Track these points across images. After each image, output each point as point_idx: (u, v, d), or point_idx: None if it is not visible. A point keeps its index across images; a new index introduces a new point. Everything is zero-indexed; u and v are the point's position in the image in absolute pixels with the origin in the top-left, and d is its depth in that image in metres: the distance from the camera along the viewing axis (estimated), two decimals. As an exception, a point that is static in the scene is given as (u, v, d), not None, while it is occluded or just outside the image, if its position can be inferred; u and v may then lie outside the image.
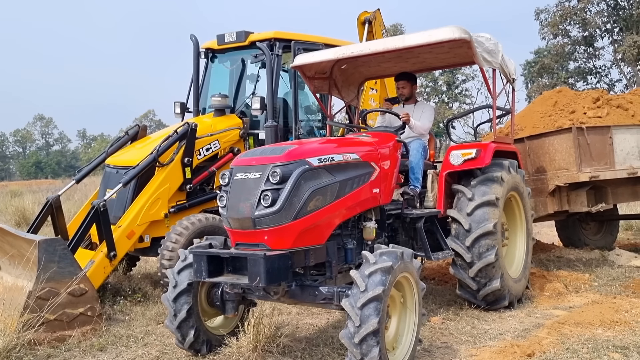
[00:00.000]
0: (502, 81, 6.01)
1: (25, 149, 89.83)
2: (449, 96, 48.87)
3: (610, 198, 7.26)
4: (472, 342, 4.67)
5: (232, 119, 7.17)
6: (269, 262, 3.71)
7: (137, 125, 7.48)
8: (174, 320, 4.35)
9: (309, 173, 4.01)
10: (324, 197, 4.10)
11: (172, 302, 4.36)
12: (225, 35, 7.49)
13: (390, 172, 4.99)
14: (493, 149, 5.53)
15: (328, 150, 4.33)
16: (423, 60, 6.24)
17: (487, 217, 5.27)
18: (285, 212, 3.86)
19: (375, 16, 8.69)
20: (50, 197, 6.47)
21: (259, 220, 3.87)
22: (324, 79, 6.35)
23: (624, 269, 7.17)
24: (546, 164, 6.95)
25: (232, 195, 4.05)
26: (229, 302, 4.41)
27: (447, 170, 5.54)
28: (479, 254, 5.26)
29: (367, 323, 3.51)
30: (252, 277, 3.73)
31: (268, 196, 3.86)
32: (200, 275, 4.05)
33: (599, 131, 6.86)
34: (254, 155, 4.18)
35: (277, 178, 3.88)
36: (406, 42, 5.22)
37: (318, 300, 4.05)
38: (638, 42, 29.30)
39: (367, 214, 4.80)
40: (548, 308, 5.66)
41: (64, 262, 4.99)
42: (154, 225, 6.30)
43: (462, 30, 4.99)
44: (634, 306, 5.38)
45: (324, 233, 4.22)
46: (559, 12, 32.85)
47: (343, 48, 5.66)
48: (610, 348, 4.31)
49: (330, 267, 4.36)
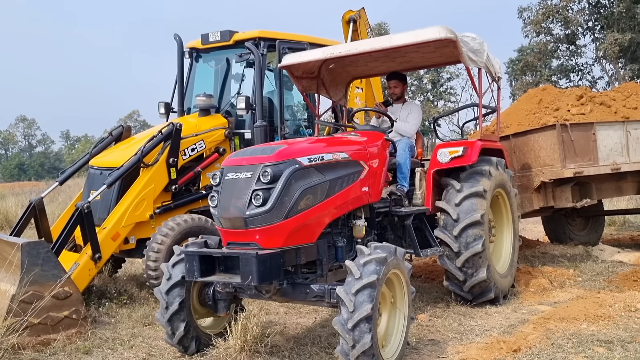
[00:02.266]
0: (488, 80, 6.08)
1: (8, 151, 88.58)
2: (434, 94, 49.13)
3: (595, 194, 7.34)
4: (459, 339, 4.70)
5: (218, 118, 7.14)
6: (260, 261, 3.75)
7: (121, 126, 7.42)
8: (165, 313, 4.34)
9: (299, 172, 4.05)
10: (314, 196, 4.15)
11: (165, 295, 4.36)
12: (209, 34, 7.45)
13: (379, 170, 5.03)
14: (480, 147, 5.60)
15: (318, 150, 4.37)
16: (410, 60, 6.29)
17: (475, 208, 5.34)
18: (277, 211, 3.90)
19: (359, 15, 8.71)
20: (33, 199, 6.40)
21: (251, 219, 3.90)
22: (311, 79, 6.36)
23: (608, 264, 7.27)
24: (531, 161, 7.01)
25: (224, 195, 4.06)
26: (221, 301, 4.41)
27: (434, 168, 5.60)
28: (466, 244, 5.30)
29: (360, 308, 3.57)
30: (244, 276, 3.77)
31: (259, 196, 3.89)
32: (192, 274, 4.06)
33: (582, 128, 6.94)
34: (244, 155, 4.21)
35: (268, 178, 3.92)
36: (393, 42, 5.27)
37: (309, 298, 4.08)
38: (619, 39, 29.64)
39: (356, 212, 4.83)
40: (533, 304, 5.71)
41: (48, 265, 4.93)
42: (139, 226, 6.25)
43: (447, 30, 5.05)
44: (618, 301, 5.45)
45: (315, 232, 4.26)
46: (541, 10, 33.13)
47: (331, 48, 5.69)
48: (595, 342, 4.36)
49: (321, 265, 4.41)
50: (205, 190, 6.79)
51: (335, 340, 4.48)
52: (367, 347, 3.57)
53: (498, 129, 6.62)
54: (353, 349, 3.58)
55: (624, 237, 9.64)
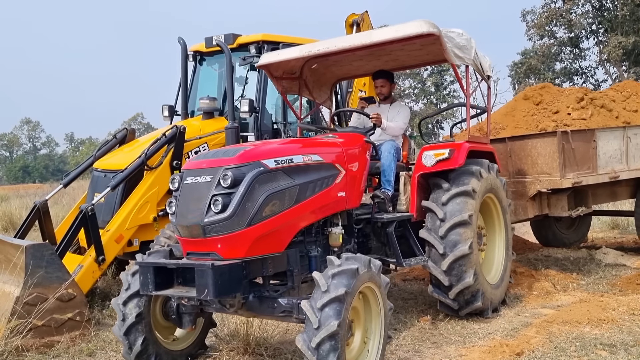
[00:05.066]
0: (477, 78, 5.76)
1: (12, 153, 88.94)
2: (437, 97, 49.14)
3: (591, 200, 7.09)
4: (461, 342, 4.70)
5: (221, 121, 7.16)
6: (217, 272, 3.44)
7: (125, 129, 7.45)
8: (122, 326, 4.01)
9: (264, 176, 3.77)
10: (281, 201, 3.84)
11: (122, 306, 4.03)
12: (213, 37, 7.48)
13: (358, 174, 4.74)
14: (467, 149, 5.25)
15: (287, 152, 4.08)
16: (396, 58, 6.02)
17: (463, 208, 5.02)
18: (238, 218, 3.59)
19: (363, 18, 8.72)
20: (37, 201, 6.43)
21: (209, 227, 3.60)
22: (293, 79, 6.05)
23: (611, 268, 7.25)
24: (528, 167, 6.61)
25: (182, 201, 3.78)
26: (186, 315, 4.04)
27: (419, 172, 5.26)
28: (453, 245, 4.95)
29: (326, 325, 3.24)
30: (200, 290, 3.45)
31: (218, 201, 3.59)
32: (146, 288, 3.72)
33: (583, 135, 6.64)
34: (205, 158, 3.93)
35: (228, 181, 3.62)
36: (373, 38, 4.99)
37: (277, 313, 3.76)
38: (623, 42, 29.65)
39: (333, 219, 4.54)
40: (536, 307, 5.70)
41: (52, 267, 4.95)
42: (142, 229, 6.27)
43: (430, 24, 4.74)
44: (621, 304, 5.44)
45: (283, 240, 3.96)
46: (544, 13, 33.16)
47: (309, 45, 5.38)
48: (598, 346, 4.36)
49: (292, 276, 4.08)
50: None
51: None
52: None
53: (489, 131, 6.28)
54: None
55: (627, 240, 9.60)
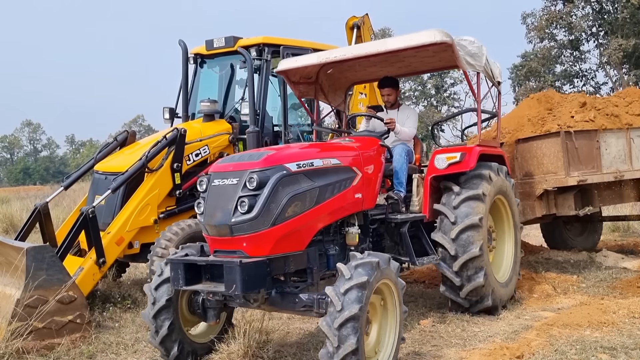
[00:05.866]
0: (487, 84, 5.99)
1: (13, 155, 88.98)
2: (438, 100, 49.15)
3: (597, 201, 7.28)
4: (461, 345, 4.70)
5: (222, 124, 7.18)
6: (245, 269, 3.68)
7: (126, 131, 7.46)
8: (156, 336, 4.29)
9: (287, 179, 3.98)
10: (302, 202, 4.06)
11: (154, 290, 4.30)
12: (214, 40, 7.50)
13: (373, 176, 4.95)
14: (478, 153, 5.50)
15: (308, 156, 4.30)
16: (409, 64, 6.26)
17: (473, 211, 5.24)
18: (263, 218, 3.82)
19: (363, 21, 8.75)
20: (38, 203, 6.44)
21: (236, 227, 3.84)
22: (309, 84, 6.32)
23: (612, 271, 7.24)
24: (534, 168, 6.92)
25: (210, 202, 4.01)
26: (210, 309, 4.30)
27: (432, 174, 5.49)
28: (464, 247, 5.19)
29: (345, 343, 3.45)
30: (228, 285, 3.70)
31: (245, 202, 3.82)
32: (177, 283, 3.99)
33: (586, 135, 6.88)
34: (231, 161, 4.16)
35: (254, 184, 3.85)
36: (388, 46, 5.22)
37: (298, 308, 3.98)
38: (623, 45, 29.64)
39: (349, 219, 4.74)
40: (537, 310, 5.70)
41: (53, 269, 4.96)
42: (143, 231, 6.28)
43: (443, 33, 4.97)
44: (622, 307, 5.43)
45: (304, 239, 4.17)
46: (545, 16, 33.16)
47: (326, 52, 5.66)
48: (598, 349, 4.36)
49: (312, 273, 4.29)
50: None
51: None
52: (353, 348, 3.45)
53: (499, 134, 6.53)
54: (338, 350, 3.46)
55: (628, 243, 9.60)
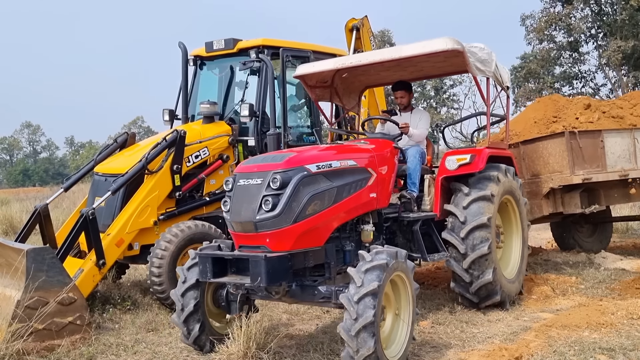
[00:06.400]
0: (497, 89, 6.23)
1: (13, 157, 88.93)
2: (437, 101, 49.18)
3: (603, 200, 7.43)
4: (461, 346, 4.72)
5: (221, 126, 7.19)
6: (269, 263, 3.97)
7: (125, 133, 7.47)
8: (181, 314, 4.53)
9: (307, 179, 4.26)
10: (322, 201, 4.34)
11: (180, 297, 4.55)
12: (213, 42, 7.52)
13: (387, 177, 5.19)
14: (487, 154, 5.73)
15: (326, 157, 4.57)
16: (421, 69, 6.52)
17: (482, 211, 5.47)
18: (285, 216, 4.11)
19: (363, 23, 8.77)
20: (38, 205, 6.44)
21: (260, 223, 4.12)
22: (325, 88, 6.60)
23: (610, 272, 7.26)
24: (540, 168, 7.12)
25: (235, 201, 4.29)
26: (234, 302, 4.59)
27: (443, 175, 5.74)
28: (473, 246, 5.40)
29: (363, 316, 3.73)
30: (254, 278, 3.98)
31: (269, 201, 4.10)
32: (205, 276, 4.31)
33: (590, 135, 7.05)
34: (255, 163, 4.46)
35: (277, 184, 4.13)
36: (402, 53, 5.52)
37: (317, 299, 4.29)
38: (622, 47, 29.64)
39: (365, 217, 4.98)
40: (536, 311, 5.72)
41: (53, 271, 4.97)
42: (143, 232, 6.29)
43: (455, 41, 5.26)
44: (620, 308, 5.45)
45: (323, 236, 4.44)
46: (544, 17, 33.15)
47: (343, 58, 6.02)
48: (597, 350, 4.38)
49: (329, 268, 4.58)
50: (208, 197, 6.84)
51: (338, 347, 4.51)
52: (371, 351, 3.73)
53: (507, 137, 6.75)
54: (357, 354, 3.74)
55: (627, 244, 9.62)
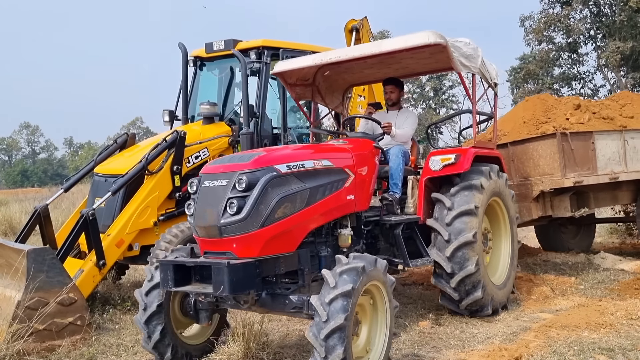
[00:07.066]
0: (483, 86, 5.95)
1: (11, 157, 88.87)
2: (436, 102, 49.24)
3: (593, 203, 7.29)
4: (460, 346, 4.72)
5: (221, 126, 7.20)
6: (233, 270, 3.68)
7: (125, 134, 7.48)
8: (143, 314, 4.31)
9: (277, 180, 4.00)
10: (293, 204, 4.08)
11: (144, 296, 4.33)
12: (213, 43, 7.53)
13: (367, 178, 4.95)
14: (473, 154, 5.48)
15: (299, 157, 4.30)
16: (406, 66, 6.25)
17: (466, 227, 5.19)
18: (252, 219, 3.84)
19: (362, 24, 8.77)
20: (38, 206, 6.44)
21: (225, 228, 3.85)
22: (306, 86, 6.29)
23: (609, 272, 7.28)
24: (530, 170, 6.91)
25: (200, 203, 4.02)
26: (202, 311, 4.29)
27: (426, 176, 5.49)
28: (460, 265, 5.18)
29: (334, 318, 3.48)
30: (216, 286, 3.70)
31: (234, 204, 3.84)
32: (166, 284, 4.00)
33: (581, 137, 6.91)
34: (222, 163, 4.18)
35: (243, 185, 3.87)
36: (382, 48, 5.23)
37: (288, 309, 4.00)
38: (621, 48, 29.70)
39: (342, 221, 4.75)
40: (535, 311, 5.72)
41: (53, 271, 4.98)
42: (143, 233, 6.30)
43: (437, 35, 4.97)
44: (619, 309, 5.46)
45: (294, 241, 4.18)
46: (543, 19, 33.22)
47: (322, 54, 5.64)
48: (596, 350, 4.39)
49: (303, 275, 4.29)
50: None
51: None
52: (340, 358, 3.45)
53: (495, 136, 6.49)
54: None
55: (625, 245, 9.64)
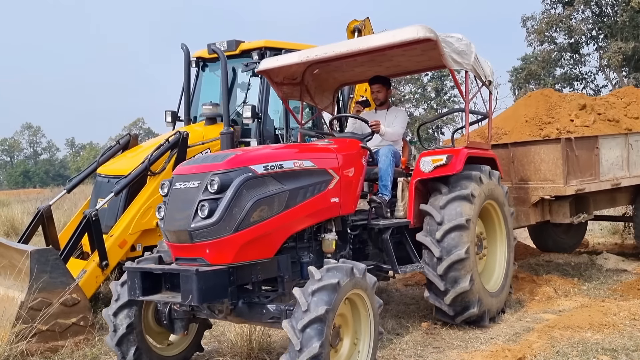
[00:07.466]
0: (478, 84, 5.73)
1: (13, 158, 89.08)
2: (438, 102, 49.23)
3: (592, 207, 7.03)
4: (463, 347, 4.72)
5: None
6: (202, 278, 3.44)
7: (128, 134, 7.48)
8: (113, 336, 4.05)
9: (252, 181, 3.76)
10: (270, 207, 3.82)
11: (112, 317, 4.07)
12: (216, 44, 7.54)
13: (354, 180, 4.72)
14: (466, 155, 5.20)
15: (277, 157, 4.05)
16: (397, 64, 5.99)
17: (461, 211, 4.95)
18: (225, 223, 3.58)
19: (364, 25, 8.76)
20: (41, 206, 6.44)
21: (196, 232, 3.59)
22: (294, 85, 6.02)
23: (612, 273, 7.27)
24: (530, 174, 6.58)
25: (170, 206, 3.78)
26: (178, 320, 4.01)
27: (417, 177, 5.22)
28: (449, 249, 4.90)
29: (308, 347, 3.23)
30: (185, 295, 3.46)
31: (205, 207, 3.58)
32: (134, 293, 3.75)
33: (586, 142, 6.57)
34: (195, 163, 3.94)
35: (215, 187, 3.62)
36: (370, 43, 4.99)
37: (265, 320, 3.78)
38: (623, 48, 29.71)
39: (327, 225, 4.52)
40: (538, 312, 5.72)
41: (56, 272, 4.98)
42: (146, 234, 6.30)
43: (426, 29, 4.69)
44: (622, 309, 5.46)
45: (272, 246, 3.94)
46: (545, 19, 33.23)
47: (308, 51, 5.40)
48: (600, 351, 4.38)
49: (283, 282, 4.05)
50: None
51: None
52: (315, 352, 3.21)
53: (489, 136, 6.12)
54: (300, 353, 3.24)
55: (628, 245, 9.62)
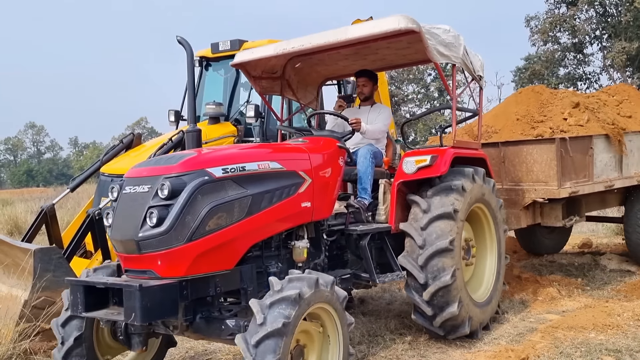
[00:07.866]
0: (467, 79, 5.44)
1: (17, 157, 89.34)
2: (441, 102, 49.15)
3: (584, 209, 6.82)
4: (467, 347, 4.71)
5: (227, 126, 7.21)
6: (146, 294, 3.11)
7: (131, 134, 7.48)
8: (61, 348, 3.67)
9: (208, 186, 3.40)
10: (229, 214, 3.47)
11: (60, 328, 3.70)
12: (219, 43, 7.55)
13: (330, 182, 4.35)
14: (452, 155, 4.82)
15: (239, 158, 3.69)
16: (383, 57, 5.70)
17: (443, 232, 4.56)
18: (176, 232, 3.26)
19: (367, 24, 8.75)
20: (44, 205, 6.46)
21: (144, 242, 3.26)
22: (274, 79, 5.71)
23: (616, 273, 7.26)
24: (522, 175, 6.25)
25: (118, 213, 3.45)
26: (135, 335, 3.60)
27: (400, 179, 4.82)
28: (434, 275, 4.53)
29: None
30: (128, 313, 3.12)
31: (154, 214, 3.25)
32: (76, 308, 3.40)
33: (581, 142, 6.31)
34: (147, 165, 3.59)
35: (165, 192, 3.28)
36: (348, 35, 4.63)
37: (224, 336, 3.46)
38: (626, 48, 29.62)
39: (298, 232, 4.18)
40: (541, 312, 5.71)
41: (60, 270, 4.97)
42: (149, 233, 6.30)
43: (408, 19, 4.35)
44: (626, 310, 5.45)
45: (233, 256, 3.59)
46: (548, 19, 33.15)
47: (284, 43, 5.03)
48: (603, 351, 4.37)
49: (246, 295, 3.69)
50: None
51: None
52: None
53: (479, 135, 5.83)
54: None
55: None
